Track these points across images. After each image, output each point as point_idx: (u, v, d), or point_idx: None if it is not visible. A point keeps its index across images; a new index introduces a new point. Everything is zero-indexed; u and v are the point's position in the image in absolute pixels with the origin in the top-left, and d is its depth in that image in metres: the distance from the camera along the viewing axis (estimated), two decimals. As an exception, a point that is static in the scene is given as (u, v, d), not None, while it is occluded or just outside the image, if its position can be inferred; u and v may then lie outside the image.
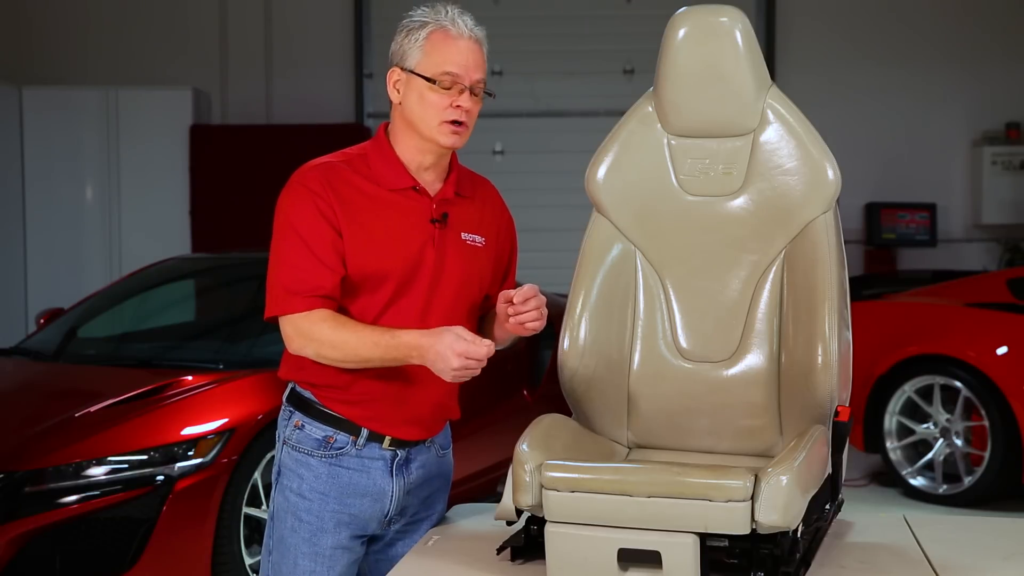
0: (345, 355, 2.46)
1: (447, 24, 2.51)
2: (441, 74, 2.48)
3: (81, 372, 5.33)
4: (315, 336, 2.45)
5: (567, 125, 9.75)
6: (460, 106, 2.49)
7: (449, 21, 2.51)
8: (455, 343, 2.36)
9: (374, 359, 2.45)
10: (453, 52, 2.49)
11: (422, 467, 2.65)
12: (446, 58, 2.49)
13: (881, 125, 9.85)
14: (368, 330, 2.45)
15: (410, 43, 2.52)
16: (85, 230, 9.33)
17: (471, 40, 2.52)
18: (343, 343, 2.44)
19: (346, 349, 2.44)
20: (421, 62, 2.50)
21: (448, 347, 2.36)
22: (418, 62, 2.50)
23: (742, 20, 2.62)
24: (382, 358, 2.45)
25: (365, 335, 2.44)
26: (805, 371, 2.51)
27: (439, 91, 2.49)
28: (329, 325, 2.45)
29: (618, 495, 2.17)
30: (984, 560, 2.45)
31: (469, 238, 2.61)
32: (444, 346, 2.36)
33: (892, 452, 6.54)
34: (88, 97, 9.31)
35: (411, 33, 2.52)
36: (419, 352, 2.40)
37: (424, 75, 2.49)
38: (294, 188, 2.52)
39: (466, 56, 2.50)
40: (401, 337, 2.42)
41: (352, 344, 2.44)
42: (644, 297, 2.70)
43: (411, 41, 2.52)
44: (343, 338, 2.44)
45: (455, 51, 2.49)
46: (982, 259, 9.89)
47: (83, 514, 4.26)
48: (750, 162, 2.64)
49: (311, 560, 2.57)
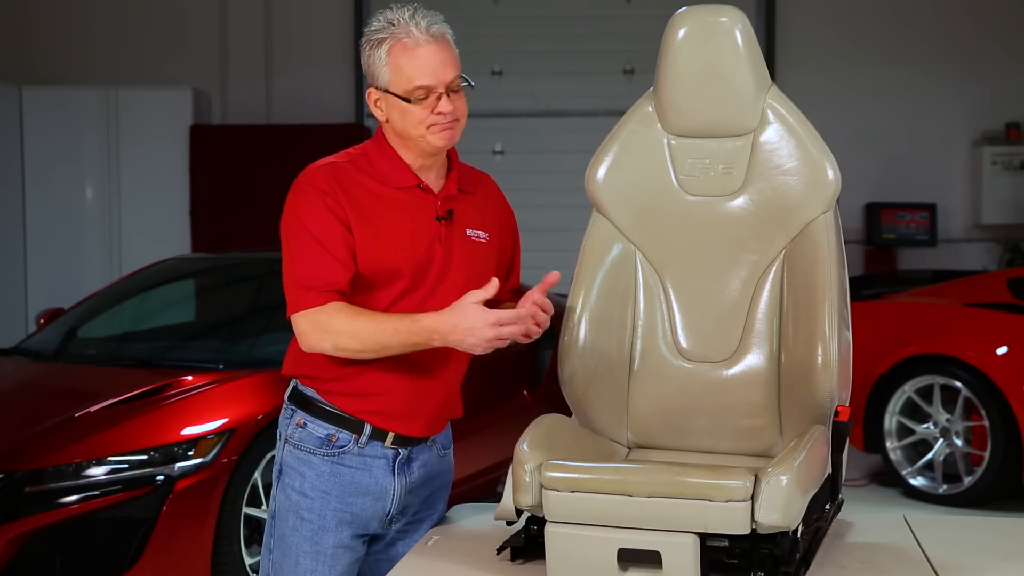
0: (364, 344, 2.45)
1: (401, 35, 2.47)
2: (413, 90, 2.47)
3: (81, 372, 5.33)
4: (332, 328, 2.44)
5: (567, 125, 9.75)
6: (442, 112, 2.49)
7: (403, 31, 2.47)
8: (484, 314, 2.36)
9: (394, 346, 2.44)
10: (418, 64, 2.47)
11: (423, 466, 2.65)
12: (413, 73, 2.47)
13: (881, 125, 9.85)
14: (385, 317, 2.45)
15: (376, 61, 2.50)
16: (85, 230, 9.33)
17: (431, 42, 2.48)
18: (362, 331, 2.43)
19: (364, 337, 2.43)
20: (392, 80, 2.49)
21: (478, 319, 2.36)
22: (389, 81, 2.49)
23: (742, 20, 2.62)
24: (403, 344, 2.43)
25: (383, 322, 2.43)
26: (805, 371, 2.52)
27: (418, 104, 2.48)
28: (345, 315, 2.44)
29: (618, 495, 2.17)
30: (984, 560, 2.45)
31: (474, 234, 2.62)
32: (472, 321, 2.36)
33: (892, 452, 6.54)
34: (88, 97, 9.31)
35: (373, 50, 2.51)
36: (441, 334, 2.40)
37: (398, 94, 2.49)
38: (302, 188, 2.52)
39: (430, 62, 2.47)
40: (421, 321, 2.41)
41: (371, 331, 2.43)
42: (644, 297, 2.70)
43: (376, 59, 2.50)
44: (361, 326, 2.43)
45: (419, 62, 2.47)
46: (982, 259, 9.89)
47: (83, 514, 4.26)
48: (750, 162, 2.64)
49: (312, 559, 2.57)
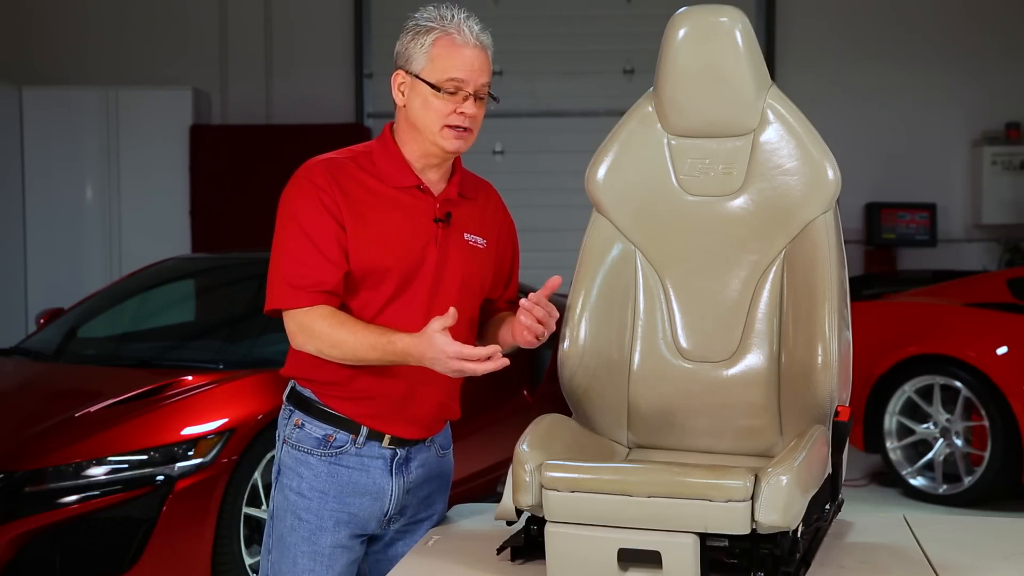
0: (344, 354, 2.46)
1: (453, 31, 2.49)
2: (446, 81, 2.48)
3: (81, 372, 5.33)
4: (315, 333, 2.46)
5: (567, 125, 9.76)
6: (464, 112, 2.49)
7: (455, 28, 2.50)
8: (445, 346, 2.34)
9: (372, 360, 2.46)
10: (458, 59, 2.48)
11: (422, 466, 2.65)
12: (451, 64, 2.48)
13: (881, 125, 9.85)
14: (365, 331, 2.45)
15: (416, 47, 2.50)
16: (85, 230, 9.33)
17: (477, 47, 2.50)
18: (342, 343, 2.45)
19: (344, 349, 2.45)
20: (426, 68, 2.49)
21: (439, 350, 2.35)
22: (423, 67, 2.49)
23: (742, 20, 2.62)
24: (380, 360, 2.45)
25: (362, 337, 2.44)
26: (805, 371, 2.51)
27: (443, 97, 2.48)
28: (328, 323, 2.45)
29: (618, 495, 2.17)
30: (984, 560, 2.45)
31: (471, 239, 2.62)
32: (435, 351, 2.35)
33: (892, 452, 6.54)
34: (88, 97, 9.31)
35: (417, 37, 2.51)
36: (414, 357, 2.41)
37: (429, 81, 2.48)
38: (298, 182, 2.52)
39: (471, 63, 2.49)
40: (396, 344, 2.42)
41: (350, 344, 2.44)
42: (644, 297, 2.70)
43: (417, 45, 2.50)
44: (341, 338, 2.44)
45: (460, 58, 2.48)
46: (982, 259, 9.89)
47: (83, 514, 4.26)
48: (750, 162, 2.64)
49: (310, 559, 2.57)
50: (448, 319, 2.36)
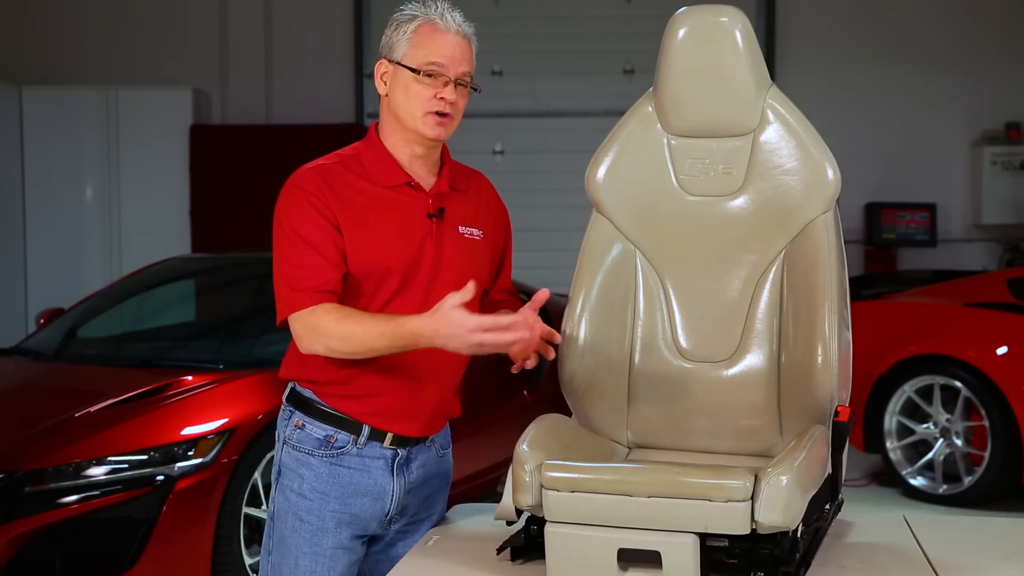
0: (354, 347, 2.45)
1: (435, 18, 2.53)
2: (426, 64, 2.50)
3: (81, 372, 5.34)
4: (323, 330, 2.45)
5: (567, 125, 9.75)
6: (444, 98, 2.50)
7: (438, 16, 2.54)
8: (464, 319, 2.34)
9: (383, 348, 2.44)
10: (440, 44, 2.51)
11: (422, 467, 2.65)
12: (432, 50, 2.51)
13: (881, 125, 9.85)
14: (373, 320, 2.44)
15: (398, 36, 2.54)
16: (85, 230, 9.33)
17: (458, 35, 2.54)
18: (350, 335, 2.44)
19: (354, 340, 2.44)
20: (408, 54, 2.52)
21: (457, 325, 2.34)
22: (404, 54, 2.52)
23: (742, 20, 2.62)
24: (390, 346, 2.43)
25: (369, 326, 2.43)
26: (805, 371, 2.51)
27: (424, 81, 2.50)
28: (334, 318, 2.44)
29: (618, 495, 2.17)
30: (984, 560, 2.45)
31: (467, 231, 2.62)
32: (452, 327, 2.34)
33: (892, 452, 6.54)
34: (88, 97, 9.31)
35: (400, 26, 2.55)
36: (426, 337, 2.38)
37: (409, 66, 2.51)
38: (290, 191, 2.53)
39: (452, 49, 2.52)
40: (404, 325, 2.41)
41: (359, 335, 2.43)
42: (644, 297, 2.70)
43: (399, 34, 2.54)
44: (349, 330, 2.44)
45: (441, 43, 2.51)
46: (982, 259, 9.89)
47: (83, 514, 4.26)
48: (750, 162, 2.64)
49: (311, 560, 2.57)
50: (465, 294, 2.35)
